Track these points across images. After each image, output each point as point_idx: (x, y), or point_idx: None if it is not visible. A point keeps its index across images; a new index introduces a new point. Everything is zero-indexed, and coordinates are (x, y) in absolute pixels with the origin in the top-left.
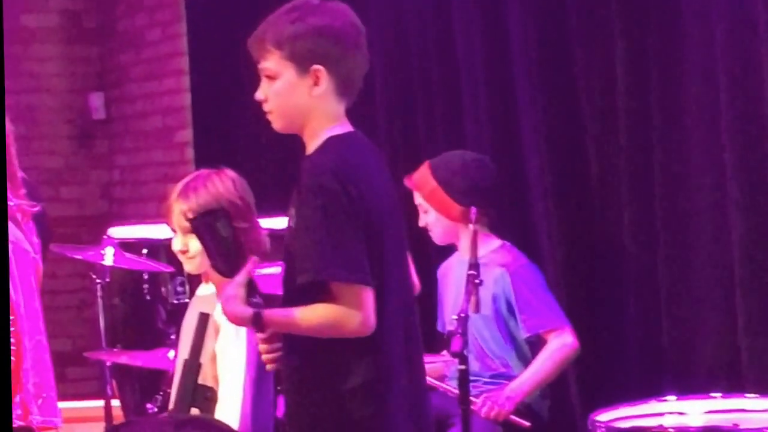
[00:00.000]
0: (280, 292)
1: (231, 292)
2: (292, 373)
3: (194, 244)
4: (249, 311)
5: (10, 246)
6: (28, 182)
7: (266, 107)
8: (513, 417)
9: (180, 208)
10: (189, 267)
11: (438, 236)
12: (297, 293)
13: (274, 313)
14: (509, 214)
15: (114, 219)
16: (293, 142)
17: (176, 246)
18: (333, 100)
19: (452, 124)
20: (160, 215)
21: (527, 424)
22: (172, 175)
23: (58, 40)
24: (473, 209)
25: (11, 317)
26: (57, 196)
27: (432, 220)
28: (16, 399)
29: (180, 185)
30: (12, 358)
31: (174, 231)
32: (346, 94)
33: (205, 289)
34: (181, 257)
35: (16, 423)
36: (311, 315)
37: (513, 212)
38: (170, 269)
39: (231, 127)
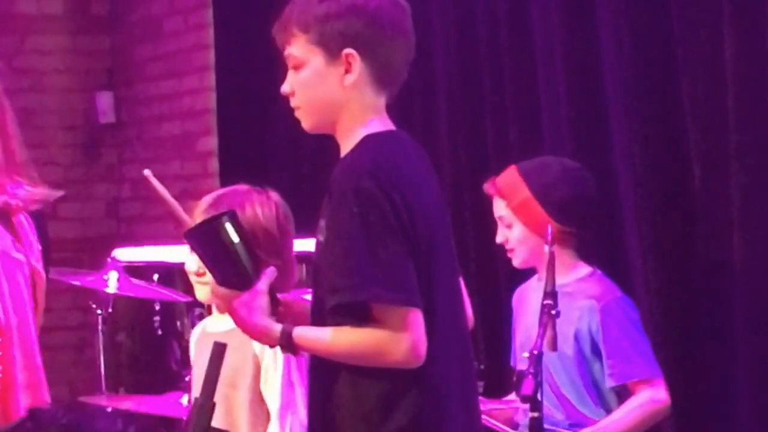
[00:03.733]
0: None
1: (252, 303)
2: (319, 408)
3: None
4: (277, 327)
5: None
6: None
7: (293, 102)
8: None
9: None
10: (202, 293)
11: (520, 257)
12: (329, 318)
13: (307, 332)
14: (595, 234)
15: (122, 241)
16: (336, 152)
17: (191, 266)
18: (369, 91)
19: (526, 124)
20: (178, 237)
21: None
22: (192, 191)
23: (62, 29)
24: (549, 227)
25: None
26: (54, 213)
27: (517, 236)
28: None
29: (211, 197)
30: None
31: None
32: (385, 85)
33: (219, 323)
34: (194, 280)
35: None
36: (352, 337)
37: (599, 232)
38: (186, 298)
39: (262, 135)
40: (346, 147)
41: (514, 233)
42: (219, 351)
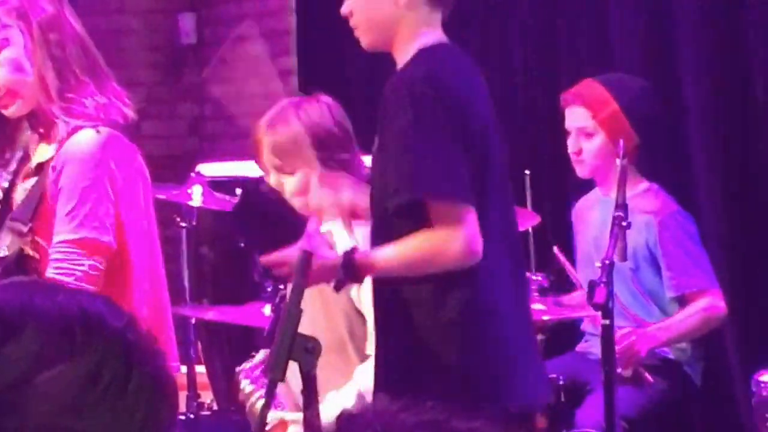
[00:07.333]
0: None
1: (309, 244)
2: (377, 311)
3: (290, 183)
4: (338, 256)
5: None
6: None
7: (352, 22)
8: (641, 369)
9: (269, 141)
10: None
11: (589, 167)
12: (388, 227)
13: (365, 255)
14: (658, 150)
15: (203, 158)
16: None
17: (271, 181)
18: (424, 8)
19: (596, 39)
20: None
21: (650, 380)
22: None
23: None
24: (621, 141)
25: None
26: (138, 132)
27: (595, 147)
28: None
29: (266, 117)
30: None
31: (266, 171)
32: (439, 2)
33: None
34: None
35: None
36: (407, 246)
37: (667, 149)
38: None
39: (342, 54)
40: (401, 62)
41: (593, 144)
42: (305, 259)
